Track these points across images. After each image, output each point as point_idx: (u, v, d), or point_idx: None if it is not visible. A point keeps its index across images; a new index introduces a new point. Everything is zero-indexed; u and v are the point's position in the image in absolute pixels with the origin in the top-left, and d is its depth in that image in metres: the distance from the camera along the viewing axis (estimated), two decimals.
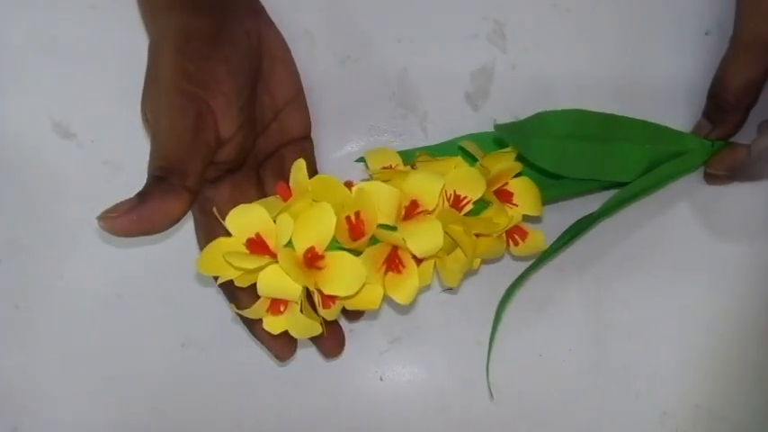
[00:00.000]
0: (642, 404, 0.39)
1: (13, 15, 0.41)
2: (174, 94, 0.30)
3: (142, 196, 0.28)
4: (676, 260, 0.39)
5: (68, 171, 0.40)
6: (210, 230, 0.33)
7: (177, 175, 0.29)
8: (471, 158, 0.35)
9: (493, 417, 0.39)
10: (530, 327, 0.39)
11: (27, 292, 0.40)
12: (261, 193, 0.35)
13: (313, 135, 0.39)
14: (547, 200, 0.36)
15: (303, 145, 0.38)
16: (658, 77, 0.39)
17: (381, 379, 0.39)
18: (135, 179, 0.39)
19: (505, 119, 0.39)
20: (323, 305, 0.30)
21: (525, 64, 0.39)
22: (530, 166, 0.35)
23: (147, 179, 0.29)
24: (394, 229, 0.30)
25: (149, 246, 0.40)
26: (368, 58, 0.39)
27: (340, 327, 0.35)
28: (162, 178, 0.29)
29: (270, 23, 0.37)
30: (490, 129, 0.39)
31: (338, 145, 0.40)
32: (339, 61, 0.40)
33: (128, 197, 0.36)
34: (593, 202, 0.37)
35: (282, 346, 0.34)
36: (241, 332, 0.36)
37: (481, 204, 0.33)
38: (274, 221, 0.30)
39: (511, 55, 0.39)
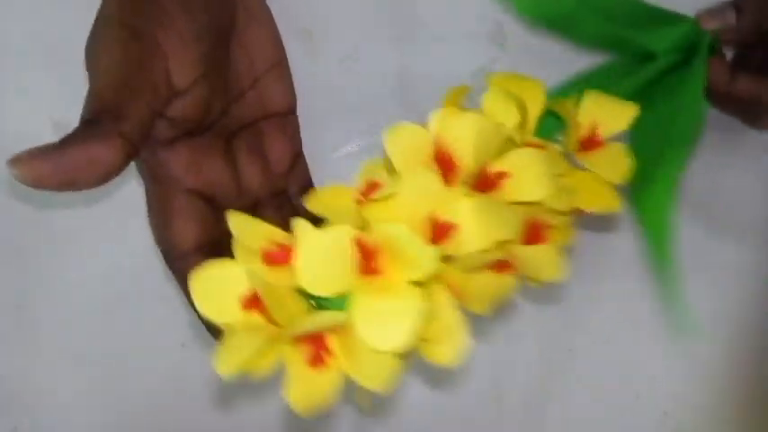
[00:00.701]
0: (642, 404, 0.39)
1: (13, 15, 0.41)
2: (117, 30, 0.26)
3: (65, 140, 0.23)
4: (677, 260, 0.39)
5: None
6: (164, 203, 0.29)
7: (111, 116, 0.24)
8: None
9: (493, 417, 0.39)
10: (530, 326, 0.39)
11: (27, 292, 0.40)
12: (231, 164, 0.31)
13: (312, 135, 0.39)
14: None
15: (286, 121, 0.34)
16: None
17: None
18: (134, 179, 0.40)
19: None
20: None
21: (525, 64, 0.39)
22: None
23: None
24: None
25: (149, 245, 0.40)
26: (368, 58, 0.39)
27: None
28: (92, 121, 0.24)
29: None
30: None
31: (338, 145, 0.40)
32: (338, 61, 0.39)
33: (127, 197, 0.36)
34: None
35: None
36: None
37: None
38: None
39: (511, 55, 0.39)
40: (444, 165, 0.22)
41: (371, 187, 0.23)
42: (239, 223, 0.23)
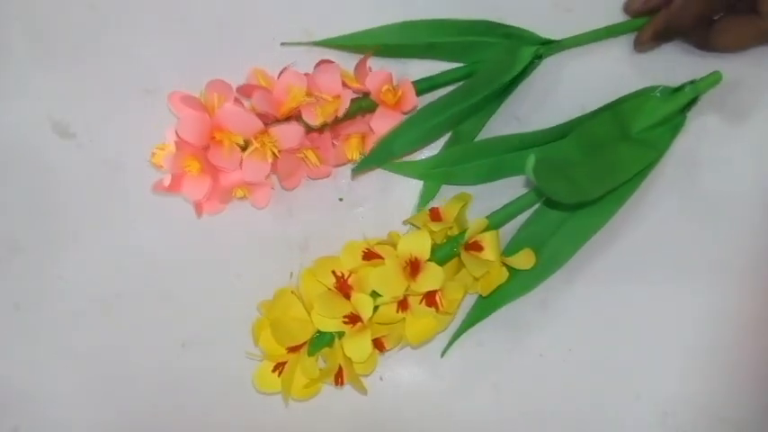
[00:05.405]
0: (643, 404, 0.39)
1: (14, 15, 0.41)
2: None
3: None
4: (676, 259, 0.39)
5: (68, 171, 0.40)
6: None
7: None
8: None
9: (493, 417, 0.39)
10: (530, 327, 0.39)
11: (27, 292, 0.40)
12: None
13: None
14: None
15: None
16: (658, 77, 0.39)
17: (381, 379, 0.39)
18: (134, 179, 0.40)
19: (505, 119, 0.39)
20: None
21: None
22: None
23: None
24: None
25: (149, 245, 0.40)
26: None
27: None
28: None
29: None
30: (489, 129, 0.39)
31: None
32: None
33: (127, 197, 0.36)
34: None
35: None
36: (241, 332, 0.36)
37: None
38: None
39: None
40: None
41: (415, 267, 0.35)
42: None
